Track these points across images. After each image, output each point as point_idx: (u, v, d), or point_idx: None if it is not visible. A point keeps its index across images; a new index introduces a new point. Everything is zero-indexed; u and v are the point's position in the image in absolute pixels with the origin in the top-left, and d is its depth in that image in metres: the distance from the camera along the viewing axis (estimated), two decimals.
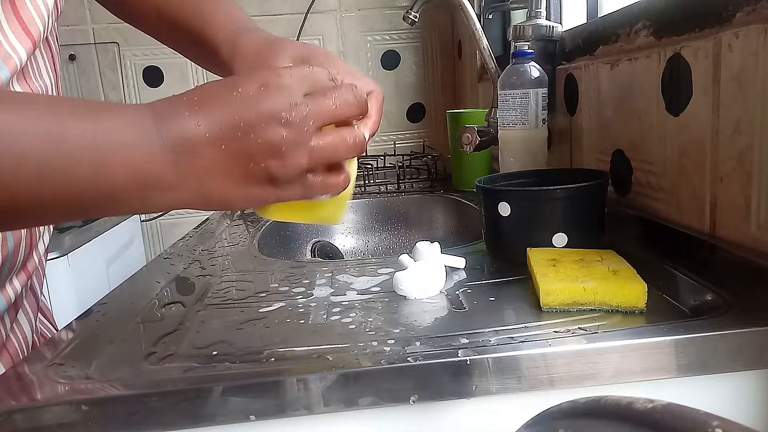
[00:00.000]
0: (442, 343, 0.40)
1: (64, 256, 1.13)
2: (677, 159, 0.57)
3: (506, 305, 0.47)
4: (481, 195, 0.61)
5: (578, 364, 0.38)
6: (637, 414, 0.20)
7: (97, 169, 0.33)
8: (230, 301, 0.53)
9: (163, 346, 0.43)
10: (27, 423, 0.36)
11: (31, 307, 0.54)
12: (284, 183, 0.36)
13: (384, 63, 1.58)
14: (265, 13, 1.52)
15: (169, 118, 0.35)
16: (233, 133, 0.35)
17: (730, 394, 0.40)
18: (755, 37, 0.45)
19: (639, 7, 0.62)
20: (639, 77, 0.63)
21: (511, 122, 0.79)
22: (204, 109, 0.35)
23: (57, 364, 0.41)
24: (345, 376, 0.37)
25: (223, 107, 0.35)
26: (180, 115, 0.35)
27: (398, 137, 1.59)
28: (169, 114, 0.35)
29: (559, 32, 0.83)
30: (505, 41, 1.24)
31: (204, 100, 0.35)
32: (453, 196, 1.05)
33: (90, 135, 0.33)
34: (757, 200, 0.47)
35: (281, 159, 0.35)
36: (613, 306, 0.43)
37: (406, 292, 0.50)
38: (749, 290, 0.43)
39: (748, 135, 0.47)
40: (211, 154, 0.35)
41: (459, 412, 0.39)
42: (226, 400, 0.36)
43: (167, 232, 1.63)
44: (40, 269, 0.56)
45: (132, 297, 0.56)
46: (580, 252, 0.52)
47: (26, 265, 0.50)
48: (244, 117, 0.35)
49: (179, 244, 0.80)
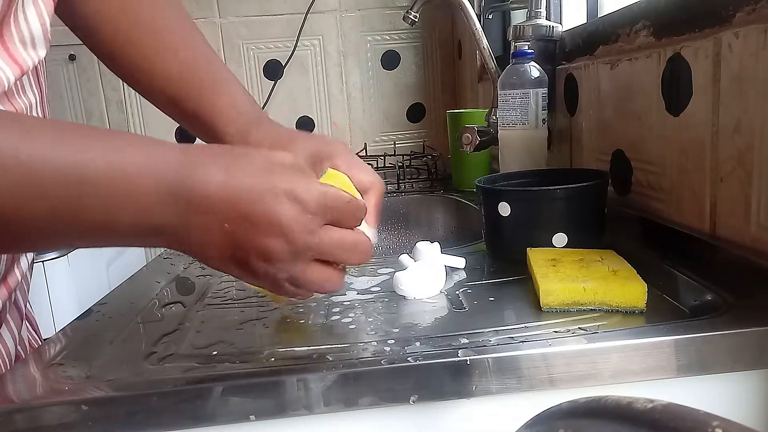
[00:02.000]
0: (442, 343, 0.40)
1: (64, 256, 1.13)
2: (677, 159, 0.57)
3: (506, 305, 0.47)
4: (481, 195, 0.61)
5: (578, 364, 0.38)
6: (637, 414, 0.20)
7: (107, 216, 0.34)
8: (230, 301, 0.53)
9: (163, 346, 0.43)
10: (27, 423, 0.36)
11: (15, 321, 0.54)
12: (269, 281, 0.38)
13: (384, 63, 1.58)
14: (265, 13, 1.52)
15: (192, 171, 0.35)
16: (240, 219, 0.35)
17: (730, 394, 0.40)
18: (755, 37, 0.45)
19: (639, 7, 0.62)
20: (639, 77, 0.63)
21: (511, 122, 0.79)
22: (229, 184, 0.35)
23: (57, 364, 0.41)
24: (345, 376, 0.37)
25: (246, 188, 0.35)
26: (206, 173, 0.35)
27: (398, 137, 1.59)
28: (193, 166, 0.35)
29: (559, 32, 0.83)
30: (505, 41, 1.24)
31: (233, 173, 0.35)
32: (453, 196, 1.05)
33: (108, 178, 0.33)
34: (757, 200, 0.47)
35: (271, 264, 0.36)
36: (613, 306, 0.43)
37: (406, 292, 0.50)
38: (749, 290, 0.43)
39: (748, 135, 0.47)
40: (214, 224, 0.35)
41: (459, 412, 0.39)
42: (226, 400, 0.36)
43: None
44: (25, 283, 0.55)
45: (132, 297, 0.56)
46: (580, 252, 0.52)
47: (7, 279, 0.50)
48: (257, 212, 0.35)
49: None
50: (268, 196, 0.35)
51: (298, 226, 0.36)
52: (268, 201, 0.35)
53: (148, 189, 0.34)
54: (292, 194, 0.35)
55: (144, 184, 0.34)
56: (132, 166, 0.34)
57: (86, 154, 0.33)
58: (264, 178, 0.36)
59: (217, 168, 0.35)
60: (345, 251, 0.39)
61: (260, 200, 0.35)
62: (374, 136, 1.60)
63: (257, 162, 0.37)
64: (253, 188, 0.35)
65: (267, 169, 0.36)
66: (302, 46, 1.53)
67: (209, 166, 0.35)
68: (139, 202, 0.34)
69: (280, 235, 0.35)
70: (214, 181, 0.35)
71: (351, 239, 0.39)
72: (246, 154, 0.37)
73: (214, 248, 0.36)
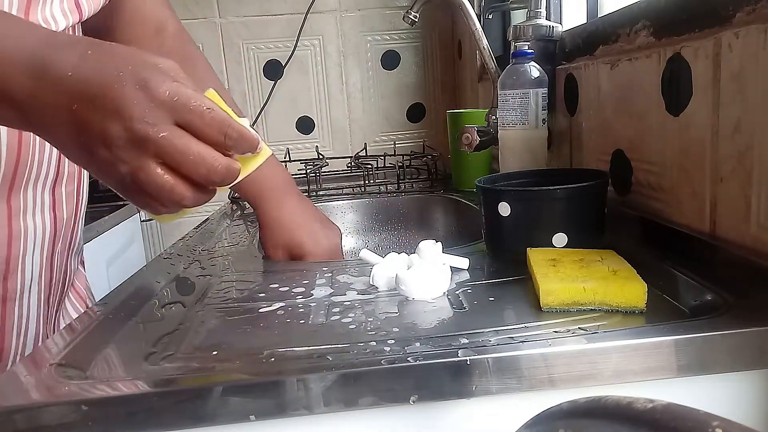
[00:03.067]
0: (442, 343, 0.40)
1: None
2: (677, 159, 0.57)
3: (506, 305, 0.47)
4: (481, 195, 0.61)
5: (578, 364, 0.38)
6: (637, 414, 0.20)
7: None
8: (230, 301, 0.53)
9: (163, 346, 0.43)
10: (27, 423, 0.36)
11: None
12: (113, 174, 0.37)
13: (384, 63, 1.58)
14: (265, 13, 1.52)
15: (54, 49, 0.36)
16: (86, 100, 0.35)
17: (730, 394, 0.40)
18: (755, 37, 0.45)
19: (639, 7, 0.62)
20: (639, 77, 0.63)
21: (511, 122, 0.79)
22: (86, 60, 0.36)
23: (57, 364, 0.41)
24: (345, 376, 0.37)
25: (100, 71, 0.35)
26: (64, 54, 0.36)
27: (398, 137, 1.59)
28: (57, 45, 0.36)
29: (559, 32, 0.83)
30: (505, 41, 1.24)
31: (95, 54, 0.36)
32: (453, 196, 1.05)
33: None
34: (757, 200, 0.47)
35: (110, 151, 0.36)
36: (613, 306, 0.43)
37: (410, 292, 0.50)
38: (749, 290, 0.43)
39: (748, 135, 0.47)
40: (62, 100, 0.35)
41: (459, 412, 0.39)
42: (226, 400, 0.36)
43: (167, 232, 1.63)
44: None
45: (132, 297, 0.56)
46: (580, 252, 0.52)
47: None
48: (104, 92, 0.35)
49: (179, 244, 0.80)
50: (117, 80, 0.35)
51: (137, 112, 0.35)
52: (115, 84, 0.35)
53: (12, 57, 0.35)
54: (142, 81, 0.35)
55: (8, 52, 0.35)
56: (2, 30, 0.36)
57: None
58: (120, 63, 0.36)
59: (77, 52, 0.36)
60: (188, 159, 0.36)
61: (109, 83, 0.35)
62: (374, 136, 1.60)
63: (121, 52, 0.37)
64: (105, 72, 0.35)
65: (128, 57, 0.36)
66: (302, 46, 1.53)
67: (70, 49, 0.36)
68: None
69: (119, 118, 0.35)
70: (70, 62, 0.35)
71: (198, 149, 0.37)
72: (115, 46, 0.37)
73: (62, 129, 0.36)
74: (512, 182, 0.68)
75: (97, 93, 0.35)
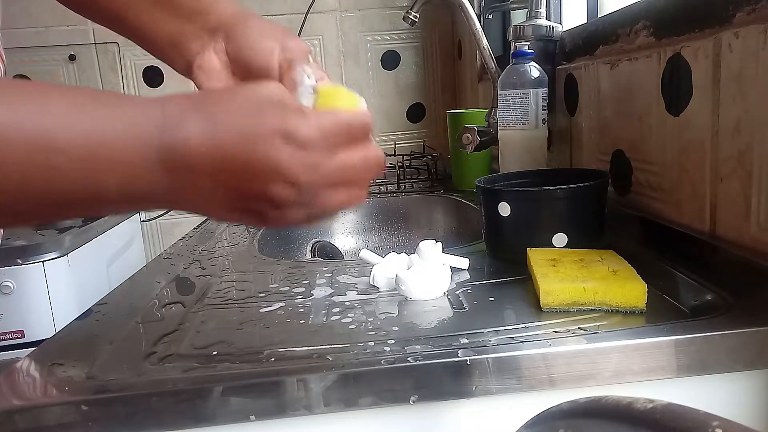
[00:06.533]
0: (442, 343, 0.40)
1: (64, 256, 1.13)
2: (677, 159, 0.57)
3: (506, 305, 0.47)
4: (481, 195, 0.61)
5: (578, 364, 0.38)
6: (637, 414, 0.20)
7: (86, 185, 0.31)
8: (230, 301, 0.53)
9: (163, 346, 0.43)
10: (27, 423, 0.36)
11: None
12: (291, 224, 0.36)
13: (384, 63, 1.58)
14: (265, 13, 1.52)
15: (172, 129, 0.32)
16: (234, 171, 0.32)
17: (730, 394, 0.40)
18: (755, 37, 0.45)
19: (639, 7, 0.62)
20: (639, 77, 0.63)
21: (511, 122, 0.79)
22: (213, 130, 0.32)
23: (57, 364, 0.41)
24: (345, 376, 0.37)
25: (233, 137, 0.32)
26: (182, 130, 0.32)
27: (398, 137, 1.59)
28: (173, 123, 0.32)
29: (559, 32, 0.83)
30: (505, 41, 1.24)
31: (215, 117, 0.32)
32: (453, 196, 1.05)
33: (81, 143, 0.30)
34: (757, 200, 0.47)
35: (284, 209, 0.34)
36: (613, 306, 0.43)
37: (410, 292, 0.50)
38: (749, 290, 0.43)
39: (748, 135, 0.47)
40: (206, 182, 0.33)
41: (459, 412, 0.39)
42: (226, 400, 0.36)
43: (167, 232, 1.63)
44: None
45: (132, 297, 0.56)
46: (580, 252, 0.52)
47: None
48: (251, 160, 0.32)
49: (179, 244, 0.80)
50: (255, 141, 0.32)
51: (298, 167, 0.33)
52: (260, 146, 0.32)
53: (133, 158, 0.31)
54: (285, 134, 0.32)
55: (128, 153, 0.31)
56: (112, 133, 0.31)
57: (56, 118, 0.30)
58: (251, 120, 0.33)
59: (197, 120, 0.32)
60: (357, 171, 0.36)
61: (251, 148, 0.32)
62: (374, 137, 1.60)
63: (240, 102, 0.33)
64: (240, 135, 0.32)
65: (253, 109, 0.33)
66: None
67: (188, 121, 0.32)
68: (125, 171, 0.31)
69: (282, 180, 0.33)
70: (194, 136, 0.32)
71: (358, 157, 0.36)
72: (227, 96, 0.34)
73: (212, 204, 0.34)
74: (512, 182, 0.68)
75: (242, 160, 0.32)
